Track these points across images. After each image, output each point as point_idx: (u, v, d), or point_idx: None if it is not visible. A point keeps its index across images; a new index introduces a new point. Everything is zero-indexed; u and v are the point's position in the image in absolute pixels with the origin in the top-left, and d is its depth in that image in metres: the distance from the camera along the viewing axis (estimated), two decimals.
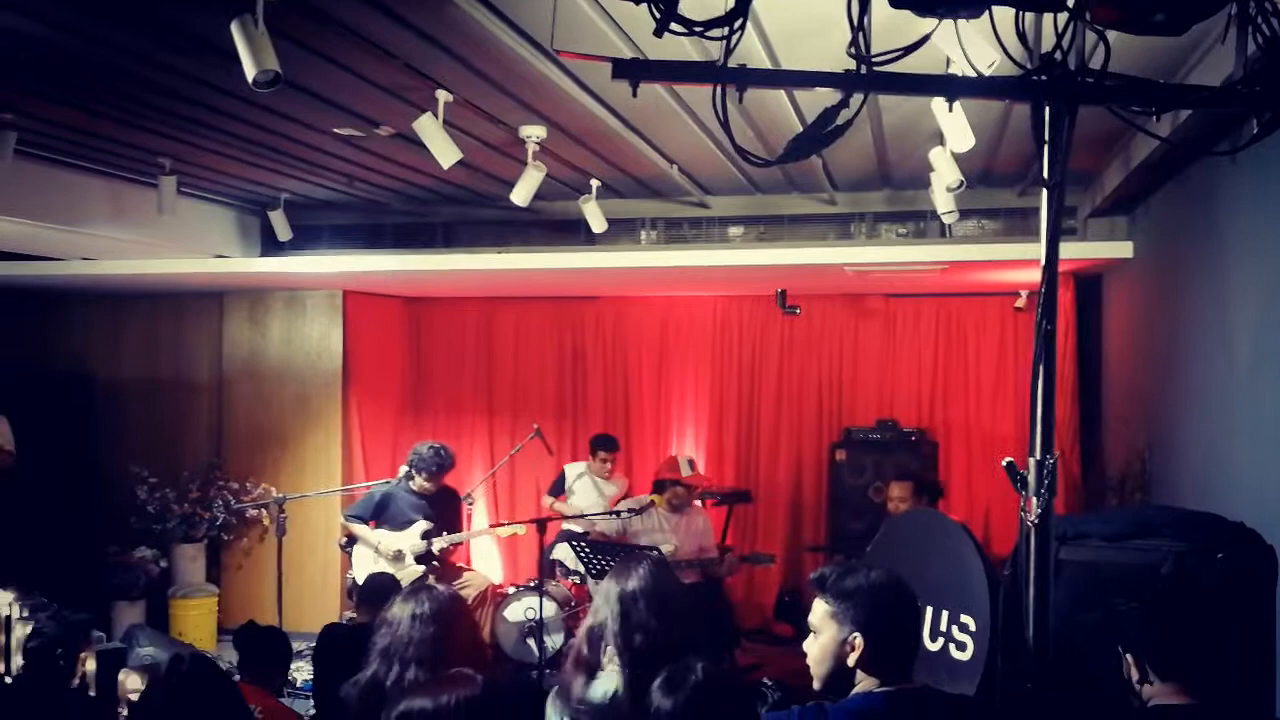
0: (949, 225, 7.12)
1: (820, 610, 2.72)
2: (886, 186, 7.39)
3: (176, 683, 3.19)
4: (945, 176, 5.39)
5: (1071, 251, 6.85)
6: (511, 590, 7.79)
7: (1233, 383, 4.63)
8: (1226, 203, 4.76)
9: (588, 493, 8.30)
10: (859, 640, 2.62)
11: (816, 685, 2.72)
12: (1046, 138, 2.28)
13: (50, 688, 4.38)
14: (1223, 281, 4.79)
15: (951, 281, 8.09)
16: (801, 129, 2.44)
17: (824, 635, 2.69)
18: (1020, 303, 8.38)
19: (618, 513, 7.38)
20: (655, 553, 6.64)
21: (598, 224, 7.00)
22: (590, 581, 7.25)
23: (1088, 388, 8.37)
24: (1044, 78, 2.24)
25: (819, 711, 2.61)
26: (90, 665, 4.66)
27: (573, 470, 8.46)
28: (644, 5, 2.23)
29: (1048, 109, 2.28)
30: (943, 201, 5.88)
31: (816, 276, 7.89)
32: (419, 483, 7.40)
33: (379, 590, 5.52)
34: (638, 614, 3.22)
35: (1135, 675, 2.72)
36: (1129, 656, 2.74)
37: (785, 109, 5.16)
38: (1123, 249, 6.81)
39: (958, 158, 5.28)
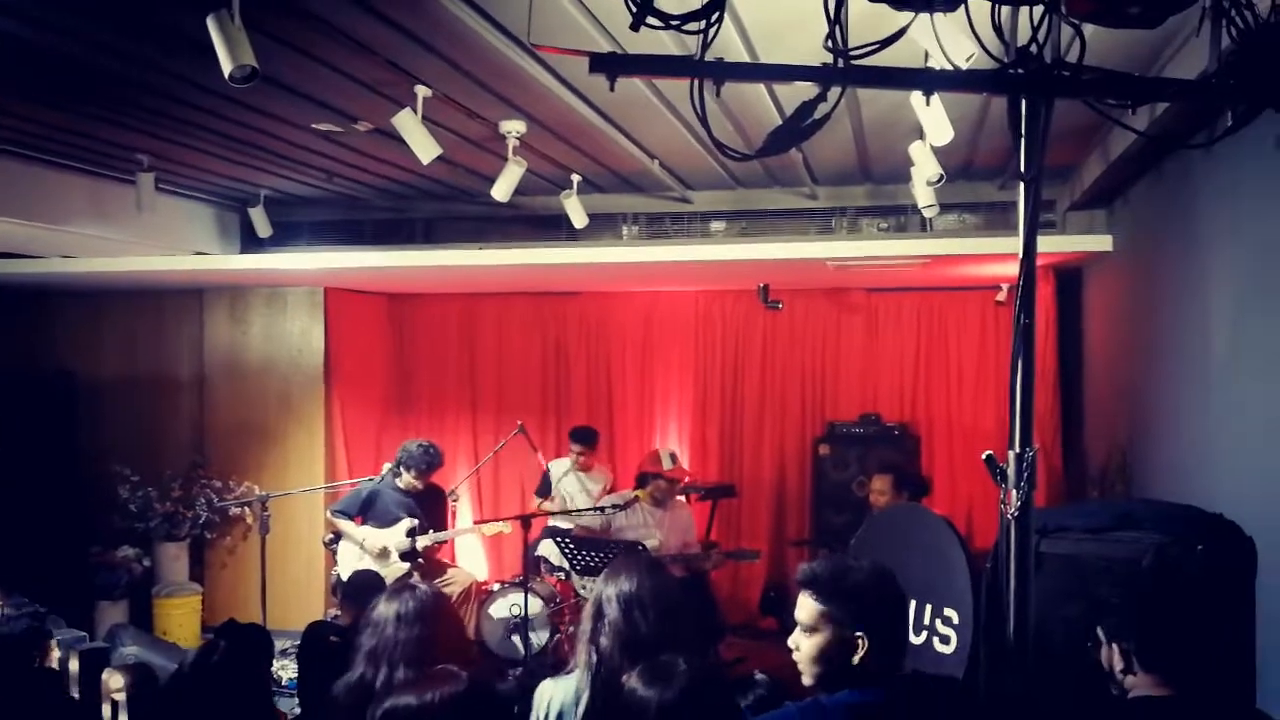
0: (930, 219, 7.13)
1: (813, 610, 2.67)
2: (867, 181, 7.40)
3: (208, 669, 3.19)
4: (925, 170, 5.40)
5: (1051, 245, 6.87)
6: (496, 587, 7.79)
7: (1211, 375, 4.65)
8: (1203, 195, 4.78)
9: (572, 489, 8.30)
10: (864, 641, 2.59)
11: (808, 682, 2.68)
12: (1023, 131, 2.28)
13: (21, 687, 4.37)
14: (1200, 273, 4.81)
15: (933, 276, 8.11)
16: (780, 122, 2.44)
17: (820, 635, 2.62)
18: (1001, 296, 8.41)
19: (601, 508, 7.39)
20: (640, 548, 6.68)
21: (579, 219, 6.98)
22: (575, 578, 7.26)
23: (1069, 381, 8.41)
24: (1020, 71, 2.24)
25: (817, 707, 2.59)
26: (56, 654, 4.65)
27: (557, 468, 8.46)
28: None
29: (1024, 102, 2.28)
30: (923, 195, 5.88)
31: (798, 271, 7.90)
32: (407, 480, 7.40)
33: (363, 588, 5.51)
34: (610, 615, 3.21)
35: (1120, 665, 2.72)
36: (1115, 646, 2.74)
37: (764, 103, 5.16)
38: (1102, 242, 6.83)
39: (937, 151, 5.29)
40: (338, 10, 3.99)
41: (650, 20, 2.20)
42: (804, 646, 2.67)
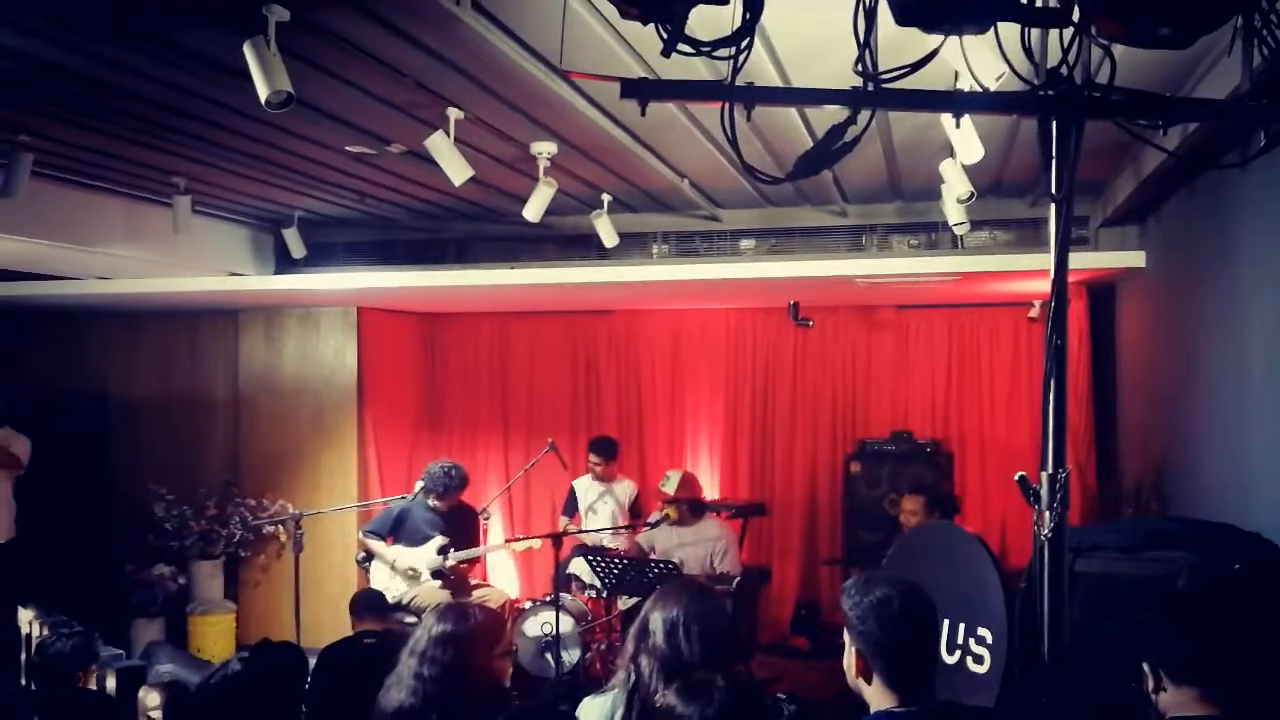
0: (960, 236, 7.11)
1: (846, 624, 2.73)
2: (897, 198, 7.39)
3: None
4: (955, 188, 5.39)
5: (1084, 261, 6.83)
6: (528, 605, 7.80)
7: (1247, 392, 4.62)
8: (1238, 211, 4.75)
9: (606, 506, 8.30)
10: (855, 655, 2.61)
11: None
12: (1054, 152, 2.29)
13: (62, 703, 4.42)
14: (1236, 290, 4.78)
15: (964, 292, 8.08)
16: (811, 143, 2.45)
17: (847, 649, 2.70)
18: (1033, 313, 8.36)
19: (630, 527, 7.40)
20: (669, 567, 6.68)
21: (609, 238, 7.01)
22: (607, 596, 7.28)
23: (1103, 398, 8.35)
24: (1050, 92, 2.25)
25: None
26: (110, 683, 4.70)
27: (582, 485, 8.47)
28: (652, 25, 2.25)
29: (1055, 123, 2.29)
30: (954, 213, 5.87)
31: (828, 288, 7.89)
32: (432, 501, 7.45)
33: (367, 605, 5.76)
34: (655, 637, 3.22)
35: (1150, 684, 2.70)
36: (1145, 666, 2.72)
37: (795, 124, 5.17)
38: (1135, 258, 6.79)
39: (968, 169, 5.28)
40: (371, 34, 4.04)
41: (681, 47, 2.22)
42: (845, 662, 2.72)
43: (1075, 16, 2.18)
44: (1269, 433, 4.35)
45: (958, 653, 4.11)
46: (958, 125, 4.13)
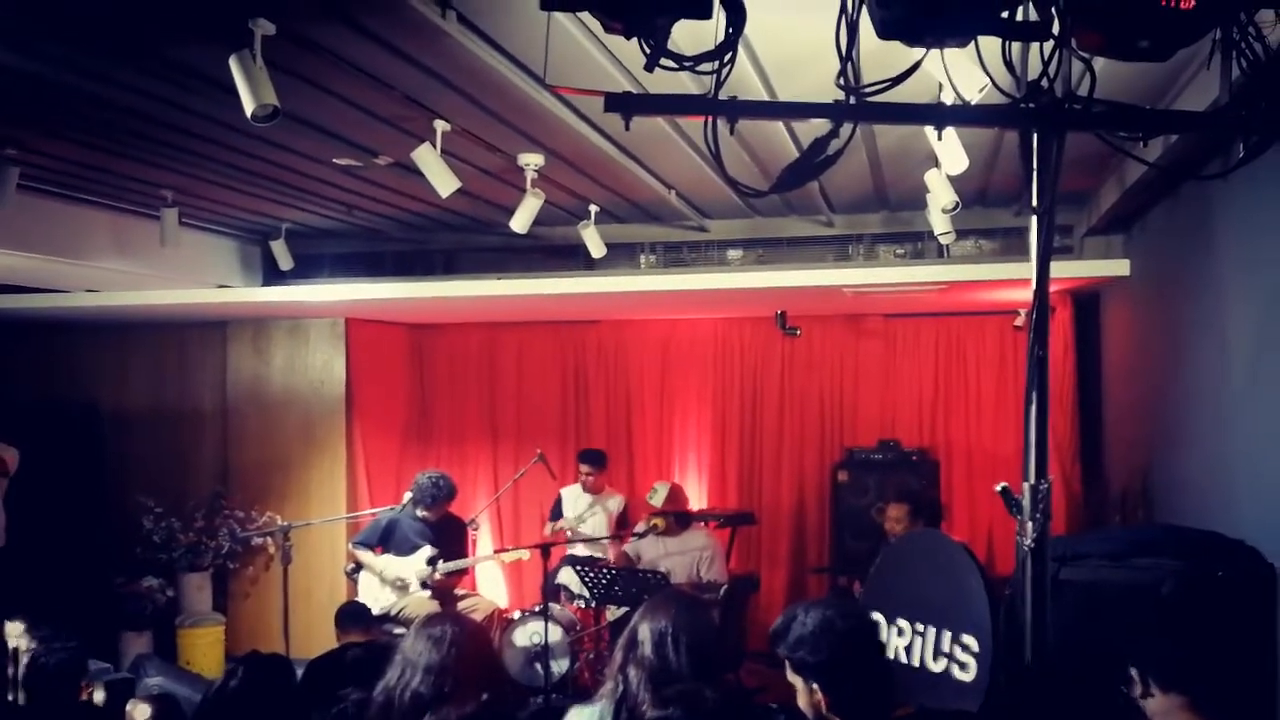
0: (946, 245, 7.14)
1: (787, 665, 2.72)
2: (883, 208, 7.42)
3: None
4: (940, 198, 5.42)
5: (1068, 270, 6.86)
6: (517, 615, 7.79)
7: (1231, 399, 4.64)
8: (1220, 220, 4.78)
9: (596, 518, 8.30)
10: (818, 691, 2.61)
11: None
12: (1035, 165, 2.30)
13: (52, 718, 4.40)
14: (1219, 298, 4.81)
15: (950, 301, 8.10)
16: (797, 154, 2.47)
17: (799, 692, 2.69)
18: (1019, 321, 8.37)
19: (619, 536, 7.40)
20: (658, 577, 6.69)
21: (597, 249, 7.03)
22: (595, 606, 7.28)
23: (1088, 406, 8.38)
24: (1031, 105, 2.27)
25: None
26: (98, 696, 4.68)
27: (570, 493, 8.48)
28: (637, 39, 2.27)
29: (1036, 136, 2.31)
30: (939, 222, 5.91)
31: (816, 298, 7.91)
32: (420, 512, 7.45)
33: (351, 617, 5.75)
34: (643, 648, 3.23)
35: (1138, 689, 2.71)
36: (1133, 671, 2.73)
37: (781, 135, 5.20)
38: (1119, 267, 6.82)
39: (953, 179, 5.31)
40: (357, 48, 4.05)
41: (664, 61, 2.24)
42: (800, 704, 2.72)
43: (1056, 30, 2.21)
44: (1252, 440, 4.38)
45: (943, 660, 4.12)
46: (940, 137, 4.15)
